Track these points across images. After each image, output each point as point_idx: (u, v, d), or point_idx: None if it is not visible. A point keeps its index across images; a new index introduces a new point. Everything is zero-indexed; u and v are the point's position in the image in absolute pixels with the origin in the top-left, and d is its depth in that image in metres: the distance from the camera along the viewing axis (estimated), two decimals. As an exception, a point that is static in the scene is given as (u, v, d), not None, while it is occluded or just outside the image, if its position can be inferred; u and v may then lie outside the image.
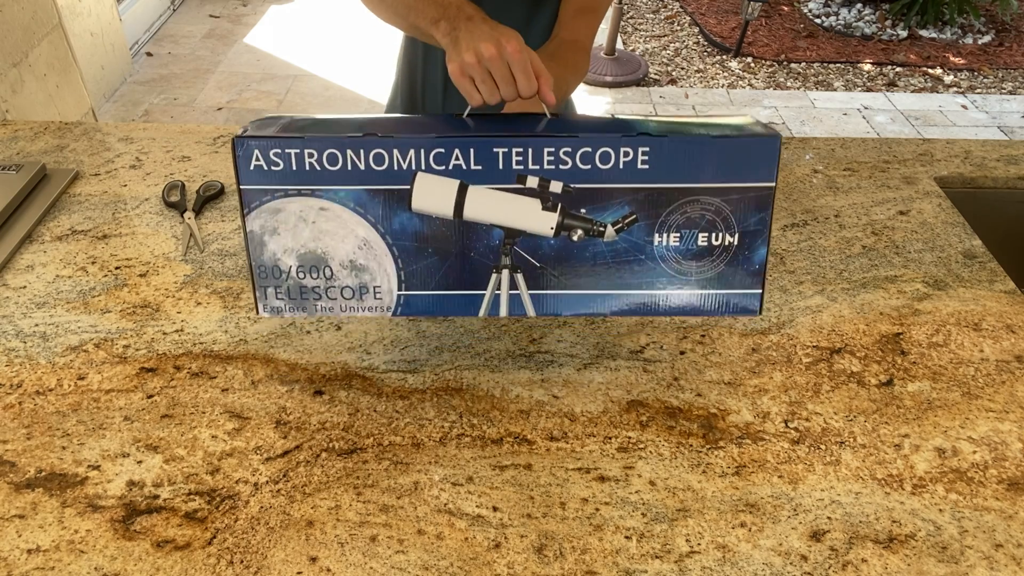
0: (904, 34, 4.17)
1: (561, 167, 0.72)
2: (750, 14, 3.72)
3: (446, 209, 0.74)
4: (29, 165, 1.16)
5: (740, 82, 3.72)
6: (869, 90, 3.68)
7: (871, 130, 3.37)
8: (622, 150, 0.72)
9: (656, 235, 0.76)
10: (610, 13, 3.73)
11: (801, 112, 3.49)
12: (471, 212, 0.74)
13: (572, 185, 0.73)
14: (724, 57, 3.95)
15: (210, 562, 0.70)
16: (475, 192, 0.73)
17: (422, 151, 0.72)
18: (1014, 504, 0.77)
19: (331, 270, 0.77)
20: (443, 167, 0.72)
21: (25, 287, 0.99)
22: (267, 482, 0.77)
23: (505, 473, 0.78)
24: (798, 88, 3.69)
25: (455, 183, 0.73)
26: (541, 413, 0.85)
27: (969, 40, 4.16)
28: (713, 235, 0.76)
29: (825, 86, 3.71)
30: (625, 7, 4.38)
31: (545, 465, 0.79)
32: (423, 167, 0.73)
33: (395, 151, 0.72)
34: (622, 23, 4.24)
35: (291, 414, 0.84)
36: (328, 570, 0.70)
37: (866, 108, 3.52)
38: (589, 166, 0.72)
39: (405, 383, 0.88)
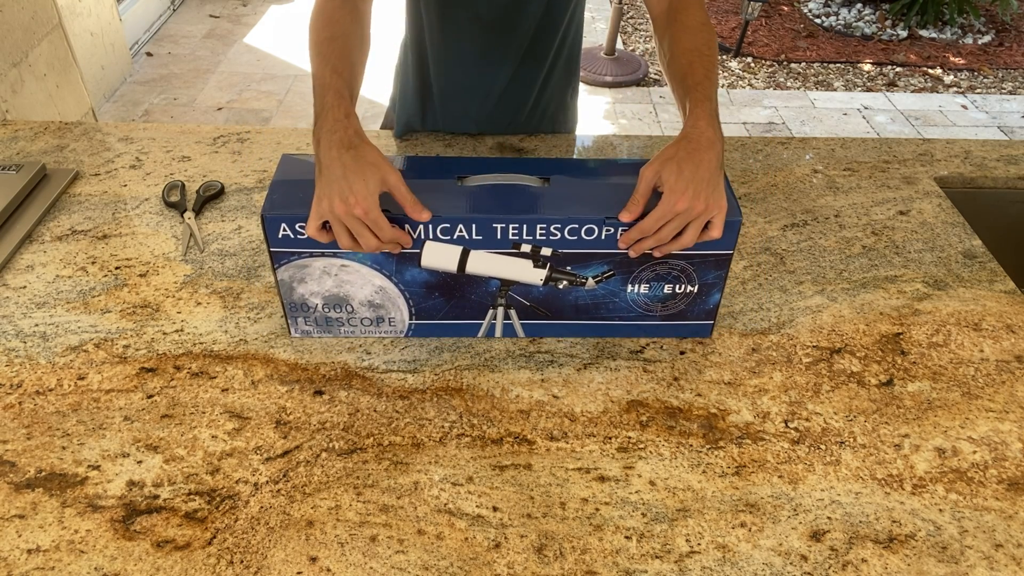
0: (904, 34, 4.17)
1: (551, 237, 0.83)
2: (750, 14, 3.72)
3: (450, 267, 0.85)
4: (29, 165, 1.16)
5: (740, 82, 3.72)
6: (869, 90, 3.68)
7: (871, 130, 3.37)
8: (604, 228, 0.82)
9: (629, 285, 0.88)
10: (610, 13, 3.73)
11: (801, 112, 3.48)
12: (472, 269, 0.86)
13: (560, 250, 0.84)
14: (724, 57, 3.95)
15: (210, 562, 0.70)
16: (476, 255, 0.84)
17: (430, 227, 0.82)
18: (1014, 504, 0.77)
19: (352, 307, 0.90)
20: (448, 238, 0.83)
21: (25, 287, 0.99)
22: (267, 482, 0.77)
23: (505, 473, 0.78)
24: (798, 88, 3.69)
25: (458, 249, 0.84)
26: (541, 413, 0.85)
27: (969, 40, 4.16)
28: (677, 286, 0.89)
29: (825, 86, 3.71)
30: (625, 7, 4.38)
31: (545, 465, 0.79)
32: (430, 237, 0.83)
33: (407, 226, 0.81)
34: (622, 23, 4.24)
35: (291, 414, 0.84)
36: (328, 570, 0.70)
37: (866, 108, 3.53)
38: (575, 238, 0.83)
39: (405, 383, 0.88)
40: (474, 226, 0.82)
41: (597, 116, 3.43)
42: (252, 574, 0.69)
